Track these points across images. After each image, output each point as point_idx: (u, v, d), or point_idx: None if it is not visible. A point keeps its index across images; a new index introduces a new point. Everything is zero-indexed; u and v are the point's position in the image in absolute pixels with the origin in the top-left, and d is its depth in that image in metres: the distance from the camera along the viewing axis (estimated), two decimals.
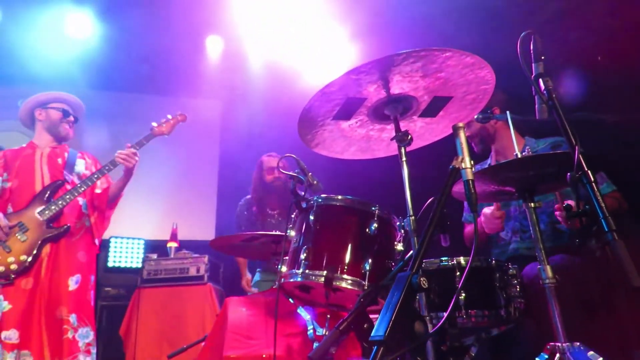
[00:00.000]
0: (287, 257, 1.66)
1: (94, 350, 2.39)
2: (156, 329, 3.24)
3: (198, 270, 3.45)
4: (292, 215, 1.73)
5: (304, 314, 1.79)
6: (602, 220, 1.03)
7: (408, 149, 1.44)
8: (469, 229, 2.42)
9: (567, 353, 1.33)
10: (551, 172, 1.50)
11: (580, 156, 1.13)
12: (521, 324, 1.70)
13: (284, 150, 1.81)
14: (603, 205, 1.05)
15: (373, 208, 1.61)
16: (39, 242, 2.39)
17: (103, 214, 2.67)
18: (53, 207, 2.43)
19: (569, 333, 1.37)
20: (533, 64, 1.35)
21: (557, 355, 1.35)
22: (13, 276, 2.31)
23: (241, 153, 4.53)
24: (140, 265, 3.64)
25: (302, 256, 1.55)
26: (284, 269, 1.62)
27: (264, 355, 1.89)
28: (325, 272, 1.49)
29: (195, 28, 4.34)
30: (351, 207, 1.63)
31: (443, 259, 1.64)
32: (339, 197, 1.65)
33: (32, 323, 2.26)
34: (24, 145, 2.71)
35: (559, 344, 1.36)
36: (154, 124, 2.70)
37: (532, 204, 1.53)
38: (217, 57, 4.65)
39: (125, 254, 3.92)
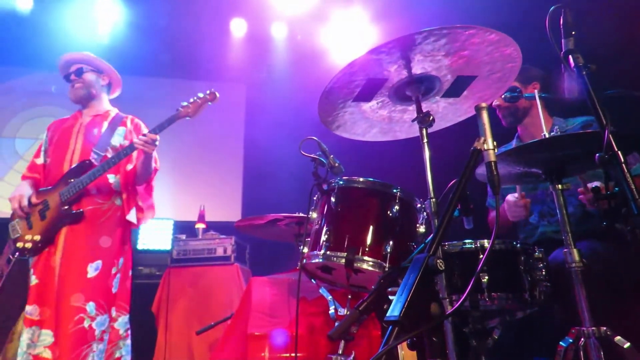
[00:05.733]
0: (309, 239, 1.68)
1: (106, 338, 2.29)
2: (185, 306, 3.36)
3: (225, 251, 3.54)
4: (314, 198, 1.75)
5: (326, 294, 1.82)
6: (632, 202, 0.99)
7: (431, 130, 1.42)
8: (493, 214, 2.37)
9: (593, 338, 1.31)
10: (580, 153, 1.45)
11: (610, 136, 1.09)
12: (547, 308, 1.67)
13: (307, 132, 1.81)
14: (633, 187, 1.01)
15: (394, 190, 1.60)
16: (55, 223, 2.34)
17: (134, 192, 2.52)
18: (72, 189, 2.34)
19: (596, 318, 1.34)
20: (563, 40, 1.29)
21: (582, 339, 1.33)
22: (26, 254, 2.32)
23: (266, 135, 4.57)
24: (168, 247, 3.76)
25: (324, 238, 1.57)
26: (305, 250, 1.65)
27: (286, 334, 1.94)
28: (345, 254, 1.50)
29: (220, 11, 4.35)
30: (372, 189, 1.63)
31: (466, 241, 1.62)
32: (360, 179, 1.65)
33: (51, 304, 2.20)
34: (74, 112, 2.65)
35: (585, 329, 1.33)
36: (183, 104, 2.53)
37: (560, 186, 1.48)
38: (241, 40, 4.66)
39: (155, 234, 4.04)
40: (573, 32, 1.27)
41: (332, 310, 1.76)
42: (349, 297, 1.74)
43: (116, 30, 4.34)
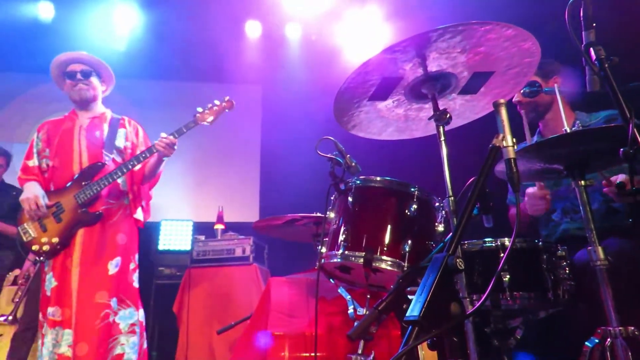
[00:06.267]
0: (327, 239, 1.68)
1: (138, 330, 2.37)
2: (206, 306, 3.40)
3: (244, 251, 3.57)
4: (331, 198, 1.75)
5: (345, 293, 1.82)
6: None
7: (448, 127, 1.40)
8: (513, 211, 2.33)
9: (620, 338, 1.28)
10: (604, 148, 1.41)
11: (634, 130, 1.06)
12: (572, 307, 1.63)
13: (323, 132, 1.81)
14: None
15: (412, 189, 1.59)
16: (73, 225, 2.36)
17: (140, 192, 2.58)
18: (89, 192, 2.37)
19: (623, 318, 1.31)
20: (583, 32, 1.26)
21: (609, 339, 1.29)
22: (44, 256, 2.33)
23: (282, 136, 4.59)
24: (188, 247, 3.81)
25: (341, 237, 1.57)
26: (323, 250, 1.65)
27: (305, 333, 1.94)
28: (364, 253, 1.50)
29: (234, 14, 4.39)
30: (389, 188, 1.62)
31: (486, 240, 1.60)
32: (378, 178, 1.64)
33: (71, 304, 2.26)
34: (67, 113, 2.64)
35: (611, 328, 1.30)
36: (199, 110, 2.57)
37: (583, 182, 1.45)
38: (256, 41, 4.69)
39: (175, 235, 4.10)
40: (594, 24, 1.23)
41: (351, 310, 1.76)
42: (368, 296, 1.73)
43: (134, 36, 4.42)
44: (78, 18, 4.24)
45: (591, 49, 1.22)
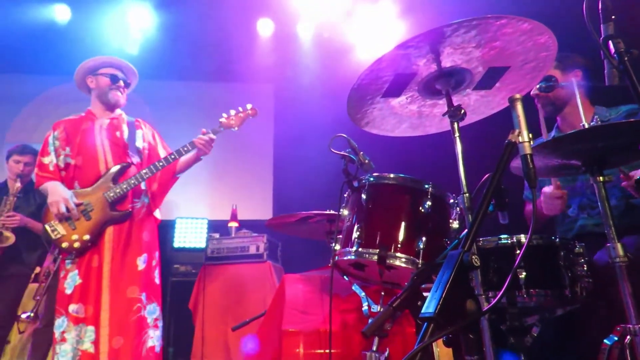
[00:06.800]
0: (340, 236, 1.68)
1: (160, 324, 2.46)
2: (221, 303, 3.44)
3: (257, 249, 3.60)
4: (345, 195, 1.75)
5: (359, 290, 1.82)
6: None
7: (462, 123, 1.39)
8: (529, 207, 2.30)
9: (639, 335, 1.25)
10: (623, 143, 1.39)
11: None
12: (590, 305, 1.61)
13: (336, 129, 1.81)
14: None
15: (426, 186, 1.58)
16: (103, 223, 2.42)
17: (164, 188, 2.66)
18: (118, 191, 2.44)
19: None
20: (602, 25, 1.24)
21: (628, 337, 1.27)
22: (74, 253, 2.36)
23: (295, 134, 4.60)
24: (203, 245, 3.85)
25: (355, 234, 1.57)
26: (337, 247, 1.65)
27: (320, 330, 1.95)
28: (378, 250, 1.50)
29: (246, 12, 4.41)
30: (403, 185, 1.61)
31: (502, 236, 1.59)
32: (391, 175, 1.64)
33: (99, 300, 2.31)
34: (83, 114, 2.68)
35: (630, 326, 1.28)
36: (224, 116, 2.65)
37: (601, 178, 1.42)
38: (268, 40, 4.70)
39: (190, 233, 4.15)
40: (613, 17, 1.21)
41: (365, 307, 1.76)
42: (382, 293, 1.73)
43: (147, 36, 4.47)
44: (93, 19, 4.31)
45: (610, 41, 1.20)
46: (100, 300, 2.31)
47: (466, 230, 1.24)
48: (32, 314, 3.25)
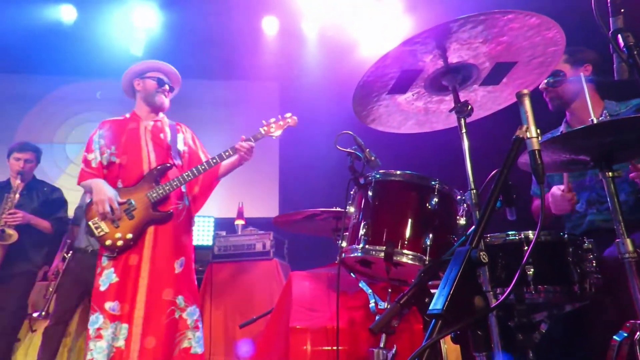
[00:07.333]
0: (347, 233, 1.68)
1: (201, 325, 2.48)
2: (228, 300, 3.46)
3: (264, 246, 3.60)
4: (351, 192, 1.75)
5: (366, 288, 1.82)
6: None
7: (469, 119, 1.38)
8: (537, 203, 2.28)
9: None
10: (633, 138, 1.37)
11: None
12: (600, 301, 1.60)
13: (342, 126, 1.81)
14: None
15: (433, 182, 1.58)
16: (145, 223, 2.43)
17: (206, 191, 2.72)
18: (161, 191, 2.46)
19: None
20: (611, 18, 1.22)
21: (638, 333, 1.26)
22: (117, 251, 2.37)
23: (300, 131, 4.59)
24: (210, 243, 3.87)
25: (362, 232, 1.57)
26: (344, 244, 1.65)
27: (327, 327, 1.95)
28: (384, 247, 1.50)
29: (251, 10, 4.41)
30: (410, 182, 1.61)
31: (509, 233, 1.58)
32: (398, 172, 1.63)
33: (135, 299, 2.32)
34: (127, 115, 2.72)
35: None
36: (264, 123, 2.69)
37: (610, 174, 1.41)
38: (273, 37, 4.70)
39: (197, 231, 4.17)
40: (622, 10, 1.19)
41: (372, 304, 1.76)
42: (389, 290, 1.73)
43: (152, 35, 4.49)
44: (98, 19, 4.33)
45: (619, 35, 1.18)
46: (136, 299, 2.32)
47: (474, 226, 1.24)
48: (43, 313, 3.29)
